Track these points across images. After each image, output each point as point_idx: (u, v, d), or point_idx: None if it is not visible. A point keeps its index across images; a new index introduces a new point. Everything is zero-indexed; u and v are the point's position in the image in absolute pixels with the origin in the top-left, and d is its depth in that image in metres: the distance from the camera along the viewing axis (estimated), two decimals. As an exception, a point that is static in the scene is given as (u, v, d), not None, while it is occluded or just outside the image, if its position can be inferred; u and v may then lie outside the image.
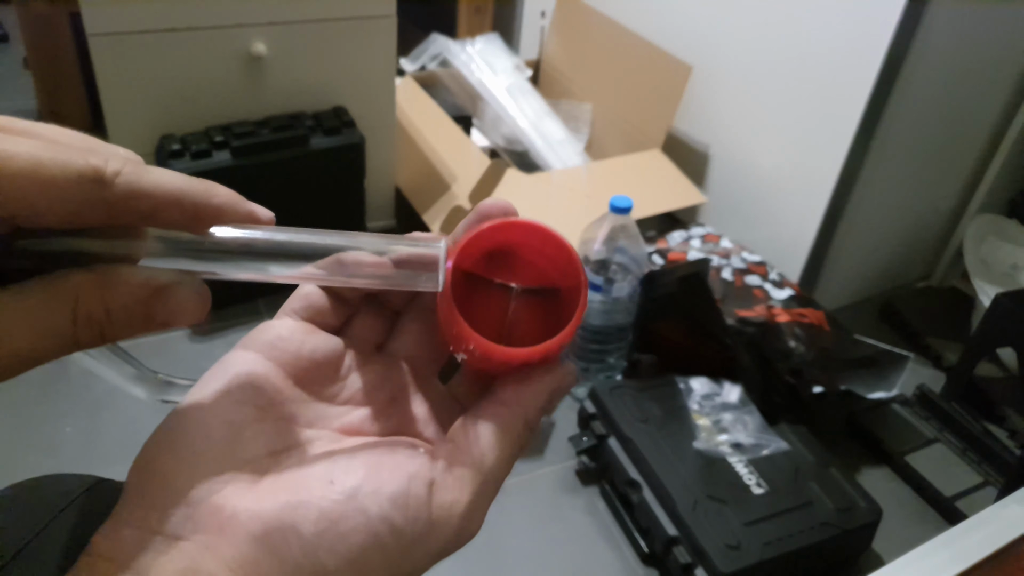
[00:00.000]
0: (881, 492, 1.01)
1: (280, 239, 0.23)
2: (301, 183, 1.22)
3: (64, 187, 0.19)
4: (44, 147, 0.19)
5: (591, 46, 1.59)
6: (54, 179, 0.19)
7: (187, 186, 0.22)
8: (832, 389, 1.05)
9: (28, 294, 0.20)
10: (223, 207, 0.22)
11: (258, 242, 0.23)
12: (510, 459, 0.26)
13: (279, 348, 0.26)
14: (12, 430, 1.02)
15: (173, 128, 1.17)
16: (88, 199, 0.20)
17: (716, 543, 0.85)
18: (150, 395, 0.30)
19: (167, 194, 0.21)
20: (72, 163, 0.19)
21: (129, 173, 0.20)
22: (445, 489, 0.24)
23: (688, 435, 0.99)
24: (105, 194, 0.20)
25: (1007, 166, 1.36)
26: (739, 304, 1.16)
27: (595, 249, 1.07)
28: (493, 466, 0.25)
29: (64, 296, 0.20)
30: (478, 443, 0.25)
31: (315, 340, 0.27)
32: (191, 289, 0.22)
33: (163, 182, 0.21)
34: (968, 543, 0.79)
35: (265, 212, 0.24)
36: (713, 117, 1.41)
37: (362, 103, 1.29)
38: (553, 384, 0.27)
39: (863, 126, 1.15)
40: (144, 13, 1.08)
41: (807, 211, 1.25)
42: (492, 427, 0.25)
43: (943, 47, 1.13)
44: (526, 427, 0.26)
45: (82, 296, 0.20)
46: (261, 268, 0.23)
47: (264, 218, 0.24)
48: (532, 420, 0.26)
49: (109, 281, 0.21)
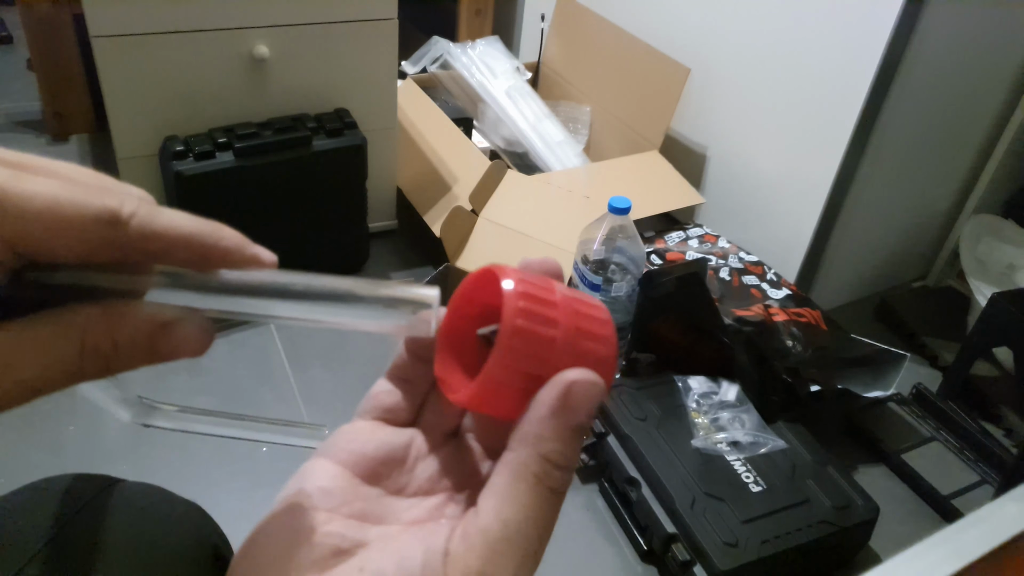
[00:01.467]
0: (878, 490, 1.02)
1: (282, 281, 0.24)
2: (303, 184, 1.23)
3: (81, 227, 0.20)
4: (62, 187, 0.20)
5: (590, 49, 1.60)
6: (71, 220, 0.20)
7: (197, 229, 0.22)
8: (829, 388, 1.06)
9: (38, 325, 0.20)
10: (230, 249, 0.23)
11: (261, 283, 0.24)
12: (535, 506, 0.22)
13: (346, 450, 0.27)
14: (16, 429, 1.03)
15: (176, 129, 1.17)
16: (103, 239, 0.20)
17: (714, 540, 0.86)
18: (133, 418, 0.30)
19: (178, 236, 0.22)
20: (90, 204, 0.20)
21: (143, 215, 0.21)
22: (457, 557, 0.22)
23: (686, 433, 0.99)
24: (119, 234, 0.20)
25: (1003, 166, 1.37)
26: (736, 303, 1.17)
27: (594, 249, 1.08)
28: (512, 519, 0.22)
29: (73, 328, 0.21)
30: (487, 499, 0.23)
31: (380, 437, 0.28)
32: (195, 325, 0.23)
33: (174, 224, 0.22)
34: (965, 541, 0.79)
35: (268, 255, 0.24)
36: (711, 119, 1.42)
37: (364, 105, 1.30)
38: (553, 405, 0.23)
39: (859, 127, 1.16)
40: (148, 15, 1.09)
41: (804, 211, 1.26)
42: (502, 478, 0.23)
43: (939, 48, 1.14)
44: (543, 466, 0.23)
45: (90, 329, 0.21)
46: (263, 306, 0.24)
47: (267, 261, 0.24)
48: (551, 454, 0.23)
49: (116, 315, 0.21)
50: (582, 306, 0.25)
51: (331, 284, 0.24)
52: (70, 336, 0.21)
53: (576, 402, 0.23)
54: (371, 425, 0.28)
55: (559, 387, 0.23)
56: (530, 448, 0.23)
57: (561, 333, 0.24)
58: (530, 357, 0.23)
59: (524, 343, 0.23)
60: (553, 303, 0.24)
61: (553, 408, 0.23)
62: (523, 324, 0.23)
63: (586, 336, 0.24)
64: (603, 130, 1.59)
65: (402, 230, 1.47)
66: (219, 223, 0.23)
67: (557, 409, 0.23)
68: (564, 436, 0.23)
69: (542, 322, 0.23)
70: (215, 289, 0.23)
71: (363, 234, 1.37)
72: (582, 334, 0.24)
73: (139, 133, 1.16)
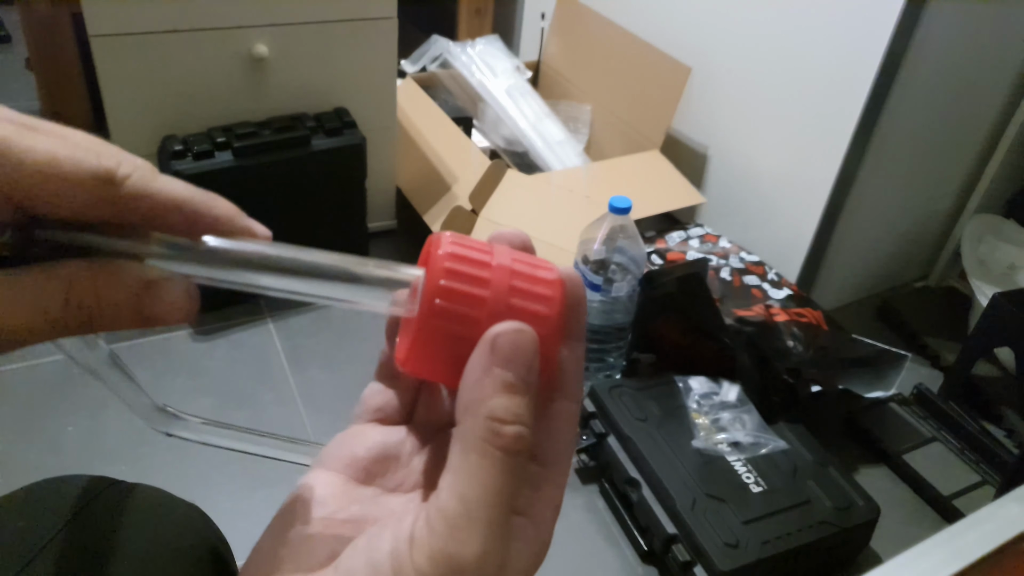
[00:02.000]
0: (879, 491, 1.02)
1: (270, 253, 0.24)
2: (303, 184, 1.22)
3: (77, 183, 0.20)
4: (63, 145, 0.20)
5: (591, 48, 1.60)
6: (67, 175, 0.20)
7: (191, 195, 0.23)
8: (830, 388, 1.06)
9: (24, 275, 0.21)
10: (221, 218, 0.24)
11: (249, 254, 0.24)
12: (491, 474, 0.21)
13: (338, 456, 0.27)
14: (14, 429, 1.03)
15: (175, 129, 1.17)
16: (98, 197, 0.21)
17: (715, 541, 0.86)
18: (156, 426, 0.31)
19: (171, 200, 0.22)
20: (87, 162, 0.21)
21: (139, 177, 0.22)
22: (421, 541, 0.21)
23: (687, 434, 0.99)
24: (114, 193, 0.21)
25: (1005, 166, 1.37)
26: (737, 304, 1.16)
27: (594, 249, 1.08)
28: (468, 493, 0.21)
29: (59, 280, 0.21)
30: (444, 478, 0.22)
31: (372, 437, 0.28)
32: (181, 288, 0.23)
33: (169, 189, 0.22)
34: (966, 541, 0.79)
35: (262, 229, 0.25)
36: (712, 118, 1.42)
37: (363, 104, 1.29)
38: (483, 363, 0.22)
39: (861, 126, 1.15)
40: (146, 14, 1.08)
41: (805, 211, 1.26)
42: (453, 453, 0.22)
43: (941, 47, 1.14)
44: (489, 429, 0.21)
45: (76, 282, 0.21)
46: (250, 278, 0.24)
47: (260, 234, 0.25)
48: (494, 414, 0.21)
49: (103, 270, 0.22)
50: (524, 267, 0.24)
51: (322, 260, 0.24)
52: (55, 287, 0.21)
53: (504, 354, 0.22)
54: (363, 427, 0.28)
55: (485, 344, 0.22)
56: (471, 415, 0.22)
57: (491, 292, 0.23)
58: (458, 317, 0.23)
59: (450, 302, 0.23)
60: (486, 264, 0.24)
61: (484, 366, 0.22)
62: (447, 284, 0.23)
63: (523, 295, 0.24)
64: (604, 129, 1.59)
65: (402, 230, 1.47)
66: (215, 194, 0.24)
67: (487, 366, 0.22)
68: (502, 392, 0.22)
69: (470, 281, 0.23)
70: (203, 256, 0.23)
71: (362, 234, 1.37)
72: (517, 293, 0.23)
73: (138, 132, 1.15)
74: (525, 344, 0.22)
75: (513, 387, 0.22)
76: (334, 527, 0.25)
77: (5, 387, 1.09)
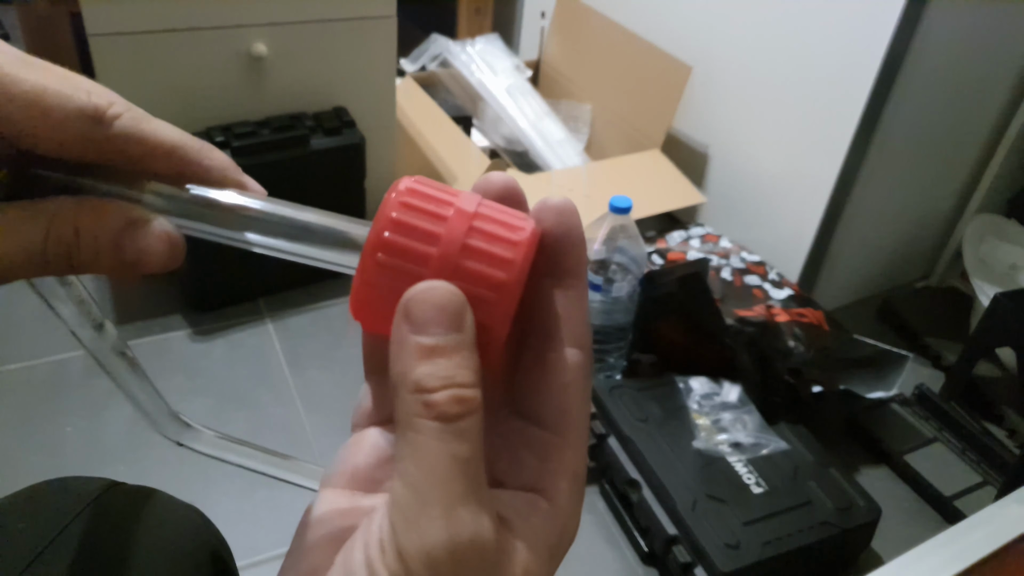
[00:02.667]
0: (880, 491, 1.01)
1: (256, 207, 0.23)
2: (302, 183, 1.22)
3: (63, 118, 0.20)
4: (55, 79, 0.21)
5: (591, 47, 1.59)
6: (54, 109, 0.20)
7: (182, 141, 0.23)
8: (831, 389, 1.06)
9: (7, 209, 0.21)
10: (212, 170, 0.23)
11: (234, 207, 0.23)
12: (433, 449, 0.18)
13: (341, 472, 0.26)
14: (13, 430, 1.02)
15: (174, 128, 1.17)
16: (84, 134, 0.21)
17: (715, 542, 0.86)
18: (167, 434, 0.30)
19: (160, 143, 0.22)
20: (76, 98, 0.21)
21: (129, 118, 0.22)
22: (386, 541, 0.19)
23: (688, 435, 0.99)
24: (101, 132, 0.21)
25: (1006, 166, 1.36)
26: (738, 304, 1.16)
27: (595, 249, 1.08)
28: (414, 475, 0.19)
29: (41, 214, 0.21)
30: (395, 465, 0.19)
31: (370, 442, 0.26)
32: (163, 230, 0.22)
33: (159, 132, 0.22)
34: (967, 542, 0.79)
35: (256, 185, 0.24)
36: (713, 117, 1.41)
37: (362, 103, 1.29)
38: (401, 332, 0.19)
39: (862, 126, 1.15)
40: (145, 14, 1.08)
41: (806, 211, 1.25)
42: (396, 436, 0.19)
43: (942, 47, 1.14)
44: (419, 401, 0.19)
45: (58, 217, 0.21)
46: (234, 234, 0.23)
47: (253, 189, 0.24)
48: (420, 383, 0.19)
49: (86, 207, 0.22)
50: (488, 224, 0.21)
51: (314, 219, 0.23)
52: (37, 221, 0.21)
53: (420, 317, 0.19)
54: (362, 435, 0.27)
55: (399, 313, 0.20)
56: (400, 389, 0.19)
57: (439, 250, 0.21)
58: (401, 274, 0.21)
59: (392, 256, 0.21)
60: (443, 218, 0.21)
61: (400, 337, 0.19)
62: (392, 237, 0.21)
63: (476, 256, 0.21)
64: (604, 129, 1.58)
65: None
66: (210, 144, 0.24)
67: (406, 333, 0.19)
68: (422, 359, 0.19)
69: (418, 236, 0.21)
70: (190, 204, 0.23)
71: (362, 233, 1.36)
72: (470, 253, 0.21)
73: (137, 132, 1.15)
74: (442, 300, 0.19)
75: (435, 350, 0.19)
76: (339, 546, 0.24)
77: (4, 387, 1.08)
